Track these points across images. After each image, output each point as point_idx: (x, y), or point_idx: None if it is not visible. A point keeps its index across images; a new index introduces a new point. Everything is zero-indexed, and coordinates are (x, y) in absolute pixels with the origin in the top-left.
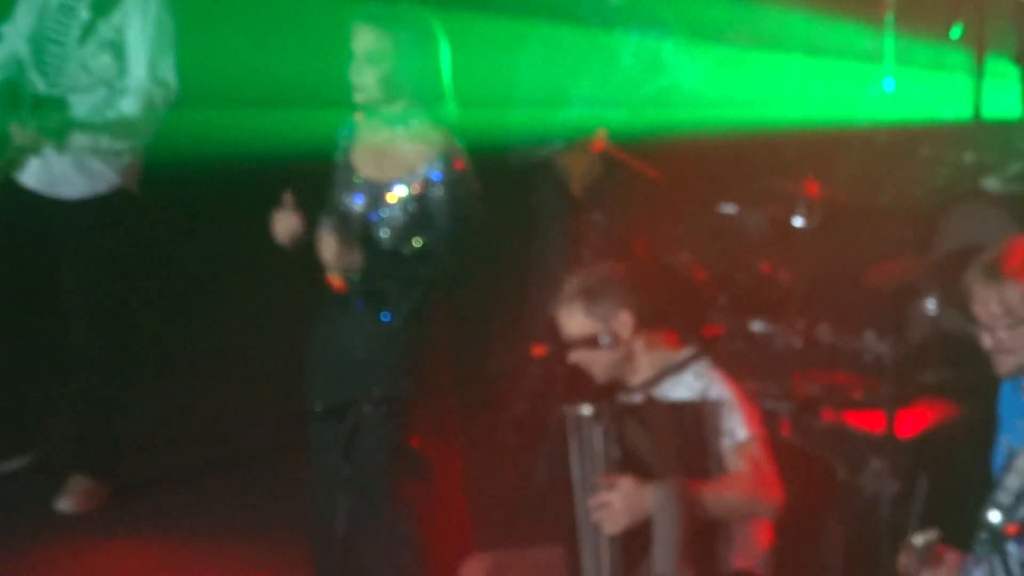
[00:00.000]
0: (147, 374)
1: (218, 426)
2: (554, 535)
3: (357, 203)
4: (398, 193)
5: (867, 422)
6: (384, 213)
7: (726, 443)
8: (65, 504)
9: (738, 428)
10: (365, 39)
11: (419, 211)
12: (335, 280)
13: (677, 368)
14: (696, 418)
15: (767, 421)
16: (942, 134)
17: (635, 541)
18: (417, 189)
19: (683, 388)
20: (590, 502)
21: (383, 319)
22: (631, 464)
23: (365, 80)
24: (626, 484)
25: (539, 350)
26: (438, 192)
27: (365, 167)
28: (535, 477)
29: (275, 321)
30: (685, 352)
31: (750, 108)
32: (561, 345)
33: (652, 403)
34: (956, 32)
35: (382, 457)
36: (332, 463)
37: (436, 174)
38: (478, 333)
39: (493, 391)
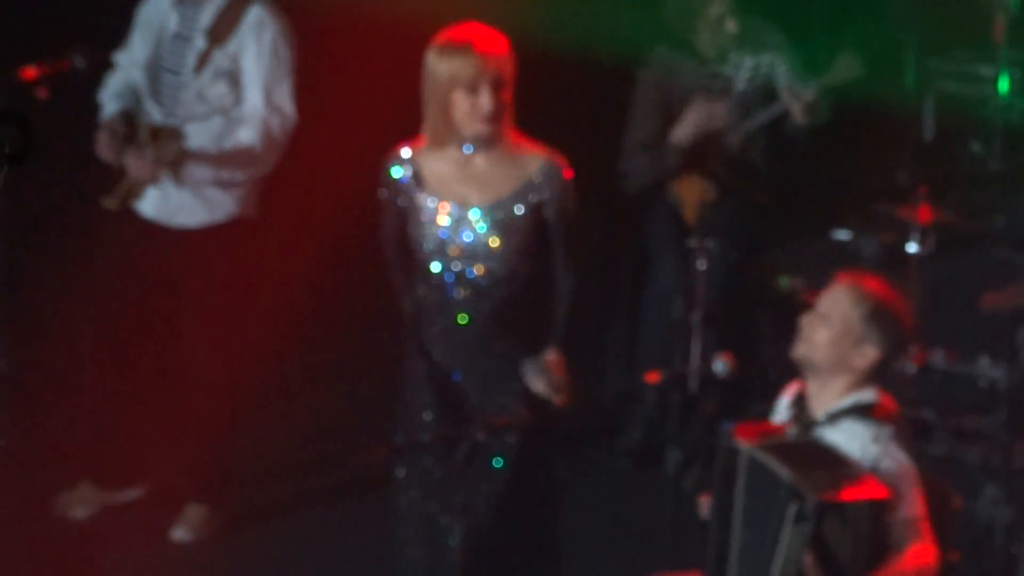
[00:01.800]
0: (263, 402)
1: (333, 454)
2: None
3: (447, 228)
4: (503, 216)
5: (981, 449)
6: (487, 235)
7: (898, 516)
8: (181, 533)
9: (911, 502)
10: (496, 68)
11: (529, 233)
12: (562, 399)
13: (859, 413)
14: (885, 507)
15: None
16: None
17: None
18: (524, 210)
19: (854, 440)
20: None
21: (500, 345)
22: (819, 550)
23: (492, 107)
24: None
25: (653, 377)
26: (548, 212)
27: (456, 191)
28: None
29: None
30: (867, 397)
31: None
32: (676, 376)
33: (860, 504)
34: None
35: (499, 484)
36: (443, 491)
37: (543, 182)
38: (590, 359)
39: (607, 418)
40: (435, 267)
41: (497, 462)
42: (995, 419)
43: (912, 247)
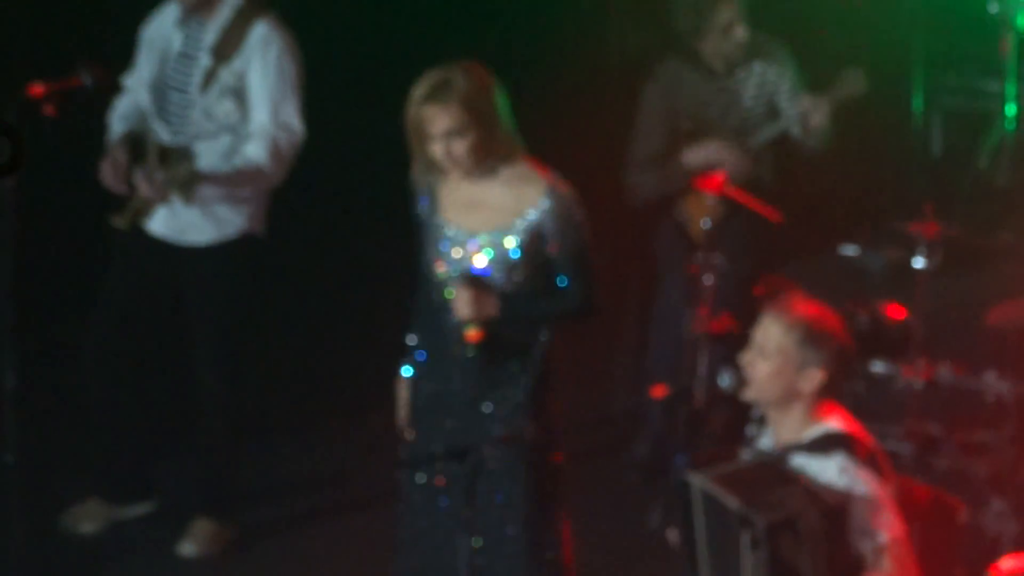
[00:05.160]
0: (268, 419)
1: (341, 469)
2: None
3: (460, 257)
4: (510, 239)
5: (988, 463)
6: (499, 260)
7: (870, 544)
8: (188, 549)
9: (882, 529)
10: (443, 120)
11: (534, 251)
12: (472, 334)
13: (823, 448)
14: (845, 525)
15: (889, 462)
16: None
17: None
18: (529, 230)
19: (822, 475)
20: None
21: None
22: (781, 571)
23: (455, 154)
24: None
25: (659, 391)
26: (550, 229)
27: (466, 219)
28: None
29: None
30: (833, 427)
31: None
32: (682, 391)
33: (806, 514)
34: None
35: (504, 498)
36: (449, 506)
37: (545, 211)
38: (599, 374)
39: (614, 432)
40: (449, 293)
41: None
42: (1002, 433)
43: (919, 262)
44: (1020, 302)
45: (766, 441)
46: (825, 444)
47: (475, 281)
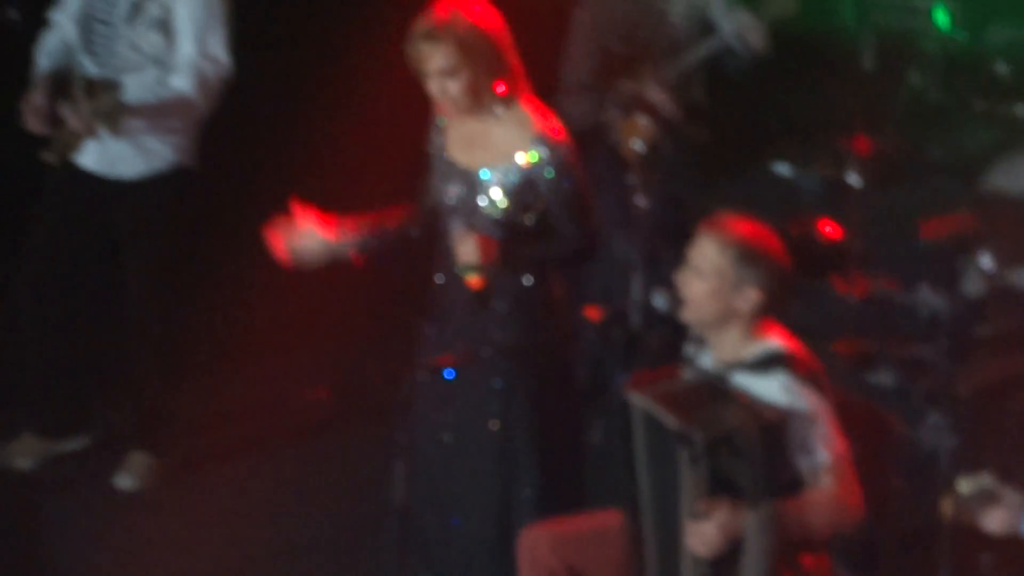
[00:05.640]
0: (206, 352)
1: (277, 399)
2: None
3: (461, 193)
4: (508, 177)
5: (925, 377)
6: (496, 199)
7: (812, 461)
8: (124, 481)
9: (824, 446)
10: (436, 59)
11: (530, 192)
12: (475, 280)
13: (764, 366)
14: (784, 439)
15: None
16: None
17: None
18: (525, 170)
19: (767, 393)
20: (687, 529)
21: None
22: (720, 486)
23: (449, 93)
24: (723, 513)
25: (593, 313)
26: (540, 176)
27: (466, 156)
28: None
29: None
30: (775, 346)
31: None
32: (617, 312)
33: (744, 428)
34: None
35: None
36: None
37: (541, 153)
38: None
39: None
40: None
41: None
42: (937, 347)
43: (852, 179)
44: (951, 216)
45: (706, 360)
46: (767, 362)
47: (475, 225)
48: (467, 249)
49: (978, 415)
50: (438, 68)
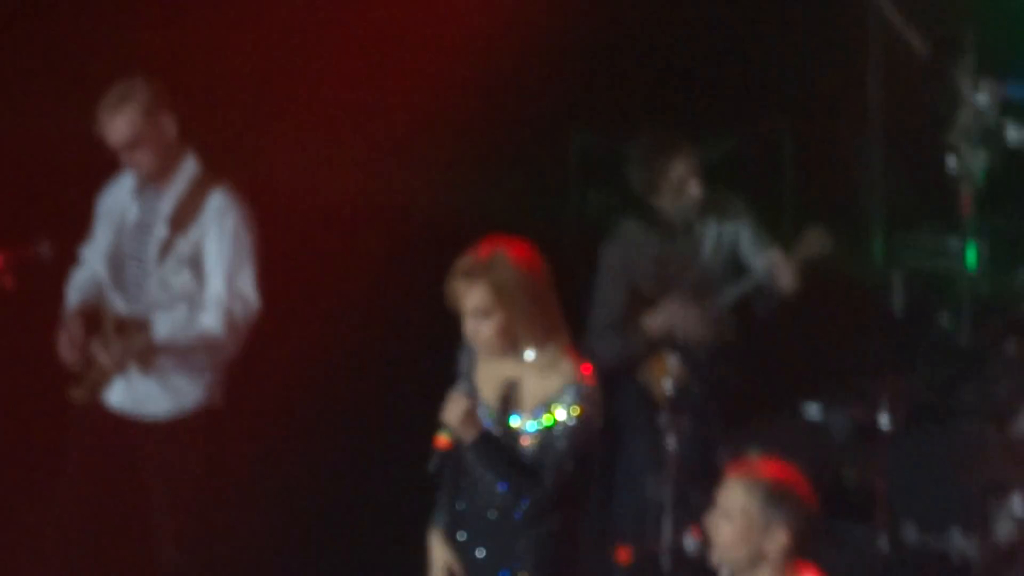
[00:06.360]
0: None
1: None
2: None
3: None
4: (535, 427)
5: None
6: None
7: None
8: None
9: None
10: (471, 298)
11: (547, 435)
12: (442, 440)
13: None
14: None
15: None
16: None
17: None
18: (551, 425)
19: None
20: None
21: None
22: None
23: (482, 334)
24: None
25: (624, 555)
26: (569, 412)
27: (495, 396)
28: None
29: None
30: None
31: None
32: (648, 554)
33: None
34: None
35: None
36: None
37: (571, 401)
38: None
39: None
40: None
41: None
42: None
43: (883, 422)
44: (984, 461)
45: None
46: None
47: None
48: (455, 410)
49: None
50: (473, 307)
